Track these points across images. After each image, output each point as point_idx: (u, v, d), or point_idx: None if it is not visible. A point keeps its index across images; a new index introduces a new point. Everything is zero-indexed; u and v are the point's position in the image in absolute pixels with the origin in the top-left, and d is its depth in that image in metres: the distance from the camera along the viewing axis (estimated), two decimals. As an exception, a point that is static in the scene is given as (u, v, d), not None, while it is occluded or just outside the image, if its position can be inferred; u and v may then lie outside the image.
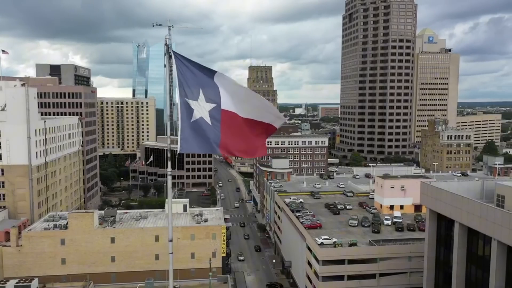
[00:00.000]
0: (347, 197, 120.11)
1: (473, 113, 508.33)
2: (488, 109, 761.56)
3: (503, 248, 45.10)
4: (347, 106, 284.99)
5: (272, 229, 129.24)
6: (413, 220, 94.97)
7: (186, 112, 15.63)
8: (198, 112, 15.72)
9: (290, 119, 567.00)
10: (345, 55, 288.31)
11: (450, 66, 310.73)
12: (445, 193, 54.43)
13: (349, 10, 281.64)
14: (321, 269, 76.71)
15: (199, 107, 15.70)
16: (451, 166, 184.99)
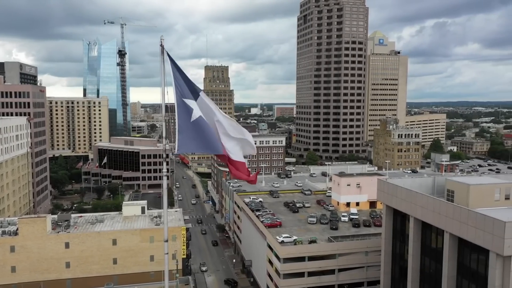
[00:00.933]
0: (305, 195, 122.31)
1: (420, 113, 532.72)
2: (434, 109, 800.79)
3: (455, 240, 47.84)
4: (303, 106, 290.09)
5: (232, 229, 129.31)
6: (368, 216, 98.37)
7: (185, 112, 15.47)
8: (198, 111, 15.61)
9: (246, 119, 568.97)
10: (300, 56, 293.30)
11: (399, 67, 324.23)
12: (401, 190, 56.91)
13: (303, 12, 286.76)
14: (282, 267, 77.72)
15: (199, 107, 15.62)
16: (401, 164, 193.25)
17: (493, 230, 41.01)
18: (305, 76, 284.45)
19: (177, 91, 15.52)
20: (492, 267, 41.67)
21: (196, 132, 15.62)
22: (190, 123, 15.58)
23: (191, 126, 15.59)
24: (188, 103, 15.62)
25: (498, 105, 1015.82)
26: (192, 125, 15.59)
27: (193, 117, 15.67)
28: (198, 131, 15.64)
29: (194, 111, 15.66)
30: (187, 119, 15.58)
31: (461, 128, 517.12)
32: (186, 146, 15.68)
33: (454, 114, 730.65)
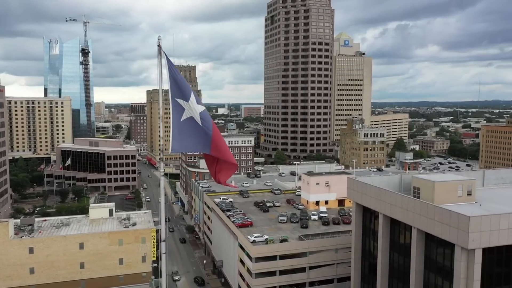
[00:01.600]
0: (275, 194, 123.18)
1: (383, 113, 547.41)
2: (396, 109, 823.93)
3: (422, 235, 49.61)
4: (271, 106, 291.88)
5: (202, 230, 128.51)
6: (337, 214, 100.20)
7: (176, 111, 15.49)
8: (188, 112, 15.65)
9: (213, 119, 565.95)
10: (268, 56, 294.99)
11: (364, 68, 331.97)
12: (370, 187, 58.41)
13: (271, 13, 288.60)
14: (254, 266, 78.01)
15: (190, 107, 15.65)
16: (367, 163, 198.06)
17: (458, 225, 42.83)
18: (272, 77, 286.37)
19: (171, 91, 15.55)
20: (457, 260, 43.51)
21: (187, 132, 15.72)
22: (181, 123, 15.64)
23: (182, 126, 15.65)
24: (180, 103, 15.69)
25: (456, 105, 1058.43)
26: (183, 125, 15.65)
27: (183, 117, 15.75)
28: (189, 131, 15.74)
29: (186, 111, 15.73)
30: (178, 119, 15.66)
31: (423, 128, 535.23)
32: (179, 146, 15.72)
33: (415, 114, 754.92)
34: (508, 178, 70.36)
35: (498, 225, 42.70)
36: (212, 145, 16.02)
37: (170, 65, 15.65)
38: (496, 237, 42.76)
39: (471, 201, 56.51)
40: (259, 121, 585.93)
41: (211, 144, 15.95)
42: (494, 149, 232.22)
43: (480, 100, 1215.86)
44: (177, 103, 15.73)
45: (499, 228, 42.73)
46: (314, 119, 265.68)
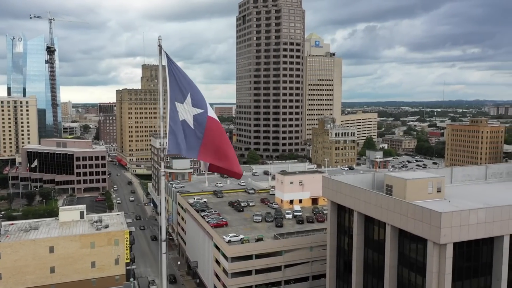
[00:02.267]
0: (249, 194, 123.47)
1: (353, 112, 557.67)
2: (365, 109, 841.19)
3: (395, 231, 50.99)
4: (243, 106, 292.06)
5: (175, 231, 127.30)
6: (311, 213, 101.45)
7: (173, 113, 15.41)
8: (182, 115, 15.57)
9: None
10: (239, 56, 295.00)
11: (334, 68, 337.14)
12: (345, 186, 59.50)
13: (242, 12, 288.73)
14: (230, 266, 78.00)
15: (184, 110, 15.58)
16: (339, 161, 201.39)
17: (431, 221, 44.30)
18: (244, 76, 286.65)
19: (170, 92, 15.47)
20: (430, 255, 45.00)
21: (182, 134, 15.69)
22: (178, 124, 15.60)
23: (178, 127, 15.62)
24: (176, 105, 15.66)
25: (422, 105, 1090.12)
26: (179, 127, 15.63)
27: (180, 118, 15.72)
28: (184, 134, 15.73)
29: (179, 113, 15.70)
30: (176, 120, 15.60)
31: (391, 127, 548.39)
32: (174, 147, 15.68)
33: (384, 114, 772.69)
34: (474, 175, 73.15)
35: (467, 220, 44.43)
36: (202, 150, 15.96)
37: (170, 65, 15.56)
38: (466, 232, 44.48)
39: (441, 198, 58.48)
40: (230, 121, 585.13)
41: (199, 149, 15.90)
42: (459, 147, 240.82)
43: (444, 100, 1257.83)
44: (174, 105, 15.71)
45: (469, 223, 44.48)
46: (286, 118, 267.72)
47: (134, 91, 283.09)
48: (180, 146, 15.85)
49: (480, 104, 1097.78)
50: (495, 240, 47.18)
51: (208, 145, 15.94)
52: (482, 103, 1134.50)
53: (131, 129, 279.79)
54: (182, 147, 15.89)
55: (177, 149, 15.79)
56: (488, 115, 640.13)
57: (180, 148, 15.87)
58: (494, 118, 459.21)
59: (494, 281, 47.59)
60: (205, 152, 16.07)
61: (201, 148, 15.98)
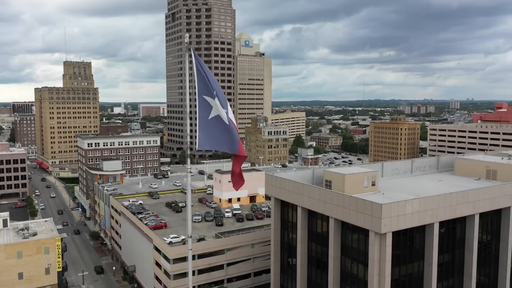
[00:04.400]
0: (185, 194, 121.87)
1: (280, 111, 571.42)
2: (292, 108, 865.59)
3: (338, 224, 53.64)
4: (174, 105, 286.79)
5: (109, 235, 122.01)
6: (250, 210, 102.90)
7: (204, 109, 15.02)
8: (216, 110, 15.30)
9: (109, 118, 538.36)
10: (169, 54, 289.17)
11: (264, 68, 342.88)
12: (288, 182, 61.27)
13: (171, 10, 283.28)
14: (172, 268, 76.73)
15: (216, 106, 15.30)
16: (272, 159, 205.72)
17: (372, 212, 47.27)
18: (175, 75, 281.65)
19: (198, 87, 15.16)
20: (371, 244, 48.00)
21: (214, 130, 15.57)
22: (208, 121, 15.46)
23: (210, 123, 15.49)
24: (208, 100, 15.48)
25: (345, 104, 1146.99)
26: (210, 123, 15.50)
27: (211, 115, 15.60)
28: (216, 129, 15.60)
29: (213, 109, 15.59)
30: (205, 116, 15.43)
31: (317, 125, 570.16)
32: (206, 143, 15.56)
33: (310, 112, 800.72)
34: (402, 169, 78.94)
35: (404, 211, 48.07)
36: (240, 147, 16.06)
37: (197, 62, 15.32)
38: (403, 221, 48.11)
39: (375, 191, 62.45)
40: (159, 120, 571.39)
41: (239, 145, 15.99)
42: (381, 143, 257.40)
43: (364, 100, 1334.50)
44: (204, 99, 15.53)
45: (405, 213, 48.14)
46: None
47: (55, 90, 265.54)
48: (213, 142, 15.81)
49: (396, 103, 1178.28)
50: (427, 228, 51.53)
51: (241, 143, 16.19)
52: (397, 102, 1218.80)
53: (53, 130, 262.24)
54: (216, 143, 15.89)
55: (208, 145, 15.79)
56: (403, 114, 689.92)
57: (212, 144, 15.88)
58: (409, 116, 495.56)
59: (426, 265, 51.97)
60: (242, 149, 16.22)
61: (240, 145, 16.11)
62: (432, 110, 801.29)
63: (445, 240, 53.56)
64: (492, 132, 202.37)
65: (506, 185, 58.48)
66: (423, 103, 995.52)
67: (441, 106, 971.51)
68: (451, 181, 69.72)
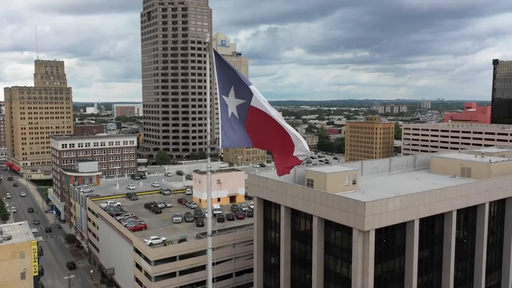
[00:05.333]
0: (164, 195, 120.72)
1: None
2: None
3: (322, 222, 54.33)
4: (150, 105, 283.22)
5: (86, 238, 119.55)
6: (230, 210, 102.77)
7: (224, 108, 15.02)
8: (230, 108, 15.32)
9: (82, 119, 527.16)
10: (145, 54, 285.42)
11: (241, 68, 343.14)
12: (271, 182, 61.61)
13: (147, 8, 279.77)
14: (153, 269, 75.91)
15: (230, 103, 15.32)
16: (250, 159, 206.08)
17: (355, 210, 48.10)
18: (151, 75, 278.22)
19: (218, 87, 15.18)
20: (355, 242, 48.85)
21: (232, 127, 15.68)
22: (228, 119, 15.59)
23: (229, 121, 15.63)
24: (225, 100, 15.62)
25: (320, 104, 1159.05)
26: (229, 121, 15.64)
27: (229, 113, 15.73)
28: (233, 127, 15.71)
29: (229, 107, 15.71)
30: (225, 115, 15.57)
31: (293, 125, 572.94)
32: (228, 141, 15.64)
33: (285, 112, 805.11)
34: (381, 167, 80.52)
35: (386, 208, 49.12)
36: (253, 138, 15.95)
37: (218, 61, 15.31)
38: (385, 218, 49.15)
39: (356, 189, 63.52)
40: (133, 121, 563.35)
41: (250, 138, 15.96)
42: (356, 143, 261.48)
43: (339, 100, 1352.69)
44: (223, 99, 15.65)
45: (387, 211, 49.21)
46: (196, 118, 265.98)
47: (26, 89, 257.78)
48: (231, 139, 15.87)
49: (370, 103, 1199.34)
50: (407, 224, 52.82)
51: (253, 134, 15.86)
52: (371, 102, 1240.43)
53: (24, 130, 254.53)
54: (233, 140, 15.93)
55: (228, 142, 15.84)
56: (377, 113, 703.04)
57: (231, 141, 15.91)
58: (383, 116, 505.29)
59: (407, 261, 53.28)
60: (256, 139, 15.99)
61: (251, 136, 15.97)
62: (404, 109, 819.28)
63: (425, 236, 55.02)
64: (463, 131, 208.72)
65: (481, 182, 60.57)
66: (396, 103, 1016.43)
67: (413, 106, 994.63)
68: (427, 179, 71.56)
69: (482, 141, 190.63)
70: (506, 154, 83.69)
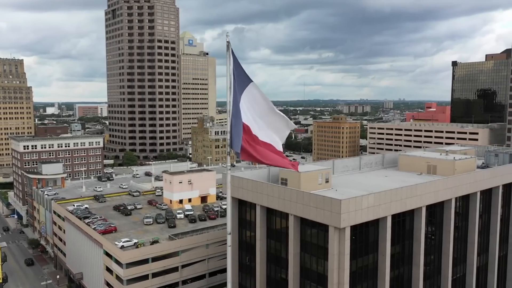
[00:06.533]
0: (134, 197, 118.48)
1: (224, 111, 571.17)
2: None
3: (298, 220, 54.97)
4: (116, 105, 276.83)
5: (51, 243, 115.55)
6: (202, 211, 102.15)
7: (236, 110, 14.76)
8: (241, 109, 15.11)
9: (42, 119, 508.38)
10: (110, 53, 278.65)
11: (208, 68, 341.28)
12: (247, 181, 61.69)
13: (112, 6, 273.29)
14: (125, 272, 74.43)
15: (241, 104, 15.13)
16: (219, 159, 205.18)
17: (331, 208, 48.95)
18: (117, 74, 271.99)
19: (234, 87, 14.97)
20: (331, 239, 49.70)
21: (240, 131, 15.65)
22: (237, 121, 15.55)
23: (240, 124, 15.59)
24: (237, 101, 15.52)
25: (286, 104, 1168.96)
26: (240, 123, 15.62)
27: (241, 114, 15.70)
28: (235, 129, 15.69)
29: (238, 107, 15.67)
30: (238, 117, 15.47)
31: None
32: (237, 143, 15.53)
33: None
34: (351, 166, 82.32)
35: (360, 205, 50.28)
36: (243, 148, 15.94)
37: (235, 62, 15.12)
38: (360, 215, 50.29)
39: (329, 187, 64.68)
40: (97, 121, 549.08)
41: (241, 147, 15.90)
42: (324, 142, 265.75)
43: (305, 100, 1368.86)
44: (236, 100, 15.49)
45: (362, 208, 50.38)
46: (163, 118, 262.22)
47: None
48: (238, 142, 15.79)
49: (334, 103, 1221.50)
50: (380, 221, 54.28)
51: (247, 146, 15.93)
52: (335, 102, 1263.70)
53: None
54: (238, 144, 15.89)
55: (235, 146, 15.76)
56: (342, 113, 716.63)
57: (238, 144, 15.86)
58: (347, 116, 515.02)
59: (380, 257, 54.74)
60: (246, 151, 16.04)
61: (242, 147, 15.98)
62: (368, 109, 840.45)
63: (396, 232, 56.71)
64: (425, 130, 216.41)
65: (448, 179, 63.07)
66: (360, 103, 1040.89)
67: (376, 105, 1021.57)
68: (396, 177, 73.78)
69: (443, 140, 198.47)
70: (467, 151, 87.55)
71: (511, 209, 77.65)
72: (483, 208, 71.35)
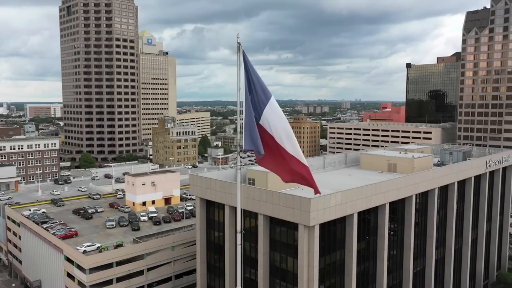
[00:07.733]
0: (94, 200, 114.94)
1: (184, 112, 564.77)
2: (194, 108, 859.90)
3: (267, 220, 55.46)
4: (71, 105, 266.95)
5: (4, 250, 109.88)
6: (166, 213, 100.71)
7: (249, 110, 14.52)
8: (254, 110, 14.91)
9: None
10: (65, 51, 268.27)
11: (168, 67, 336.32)
12: (214, 182, 61.55)
13: (66, 2, 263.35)
14: (88, 278, 72.11)
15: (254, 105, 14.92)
16: (181, 160, 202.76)
17: (301, 207, 49.78)
18: (72, 73, 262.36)
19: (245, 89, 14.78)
20: (301, 237, 50.53)
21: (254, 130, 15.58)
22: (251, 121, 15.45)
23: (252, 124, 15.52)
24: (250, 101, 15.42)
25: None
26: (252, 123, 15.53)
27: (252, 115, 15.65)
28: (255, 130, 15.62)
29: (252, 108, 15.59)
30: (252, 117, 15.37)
31: (221, 125, 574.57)
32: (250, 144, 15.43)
33: (213, 113, 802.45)
34: (315, 165, 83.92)
35: (329, 203, 51.46)
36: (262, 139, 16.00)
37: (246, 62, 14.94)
38: (328, 213, 51.47)
39: (295, 187, 65.25)
40: (50, 122, 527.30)
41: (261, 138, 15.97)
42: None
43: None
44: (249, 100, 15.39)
45: (330, 206, 51.58)
46: (122, 118, 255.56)
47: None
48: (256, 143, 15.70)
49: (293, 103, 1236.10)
50: (347, 218, 55.77)
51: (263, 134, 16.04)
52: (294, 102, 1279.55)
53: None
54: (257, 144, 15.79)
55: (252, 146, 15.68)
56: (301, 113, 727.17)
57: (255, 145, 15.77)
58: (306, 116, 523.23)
59: (347, 253, 56.23)
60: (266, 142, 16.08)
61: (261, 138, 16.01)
62: (326, 110, 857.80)
63: (362, 229, 58.48)
64: (383, 129, 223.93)
65: (409, 176, 65.78)
66: (318, 103, 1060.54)
67: (334, 106, 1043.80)
68: (358, 175, 76.01)
69: (399, 139, 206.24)
70: (424, 150, 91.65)
71: (465, 204, 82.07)
72: (440, 203, 74.93)
